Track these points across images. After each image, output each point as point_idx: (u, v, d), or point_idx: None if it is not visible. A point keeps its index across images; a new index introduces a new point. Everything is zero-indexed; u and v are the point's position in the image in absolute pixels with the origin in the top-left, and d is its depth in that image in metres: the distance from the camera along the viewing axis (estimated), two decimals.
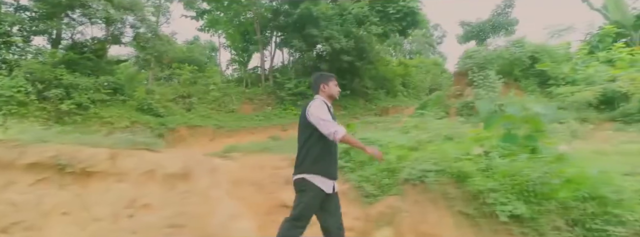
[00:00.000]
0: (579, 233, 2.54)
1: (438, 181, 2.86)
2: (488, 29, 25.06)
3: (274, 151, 5.39)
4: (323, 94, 2.24)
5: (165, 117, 10.90)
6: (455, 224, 2.63)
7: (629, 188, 2.69)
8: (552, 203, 2.59)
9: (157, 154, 3.06)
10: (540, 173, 2.67)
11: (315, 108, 2.08)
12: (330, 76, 2.32)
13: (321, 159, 2.08)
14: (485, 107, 3.58)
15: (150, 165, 2.70)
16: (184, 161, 2.93)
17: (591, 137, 5.86)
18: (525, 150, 3.13)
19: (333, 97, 2.26)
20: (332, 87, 2.26)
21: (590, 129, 6.39)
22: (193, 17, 17.66)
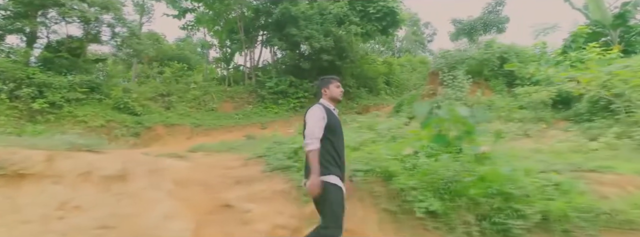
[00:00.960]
0: (485, 227, 2.74)
1: (366, 179, 3.03)
2: (479, 26, 25.27)
3: (238, 150, 5.48)
4: (325, 97, 2.27)
5: (142, 115, 10.85)
6: (378, 220, 2.79)
7: (532, 185, 2.91)
8: (463, 199, 2.79)
9: (98, 155, 3.13)
10: (454, 172, 2.86)
11: (310, 116, 2.11)
12: (330, 79, 2.33)
13: (331, 160, 2.09)
14: (421, 109, 3.76)
15: (87, 166, 2.77)
16: (123, 162, 3.01)
17: (541, 136, 6.15)
18: (453, 150, 3.33)
19: (336, 99, 2.28)
20: (333, 89, 2.27)
21: (543, 128, 6.68)
22: (175, 15, 17.47)
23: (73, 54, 12.26)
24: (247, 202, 3.12)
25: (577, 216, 2.82)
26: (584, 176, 3.28)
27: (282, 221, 2.83)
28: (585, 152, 4.19)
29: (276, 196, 3.28)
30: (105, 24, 12.28)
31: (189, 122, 11.16)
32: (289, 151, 4.06)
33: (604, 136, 4.75)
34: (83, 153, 3.12)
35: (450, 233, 2.68)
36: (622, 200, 2.95)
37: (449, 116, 3.42)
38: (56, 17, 11.59)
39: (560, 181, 3.08)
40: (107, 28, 12.42)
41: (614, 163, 3.53)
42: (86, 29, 12.12)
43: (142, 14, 18.97)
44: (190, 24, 18.23)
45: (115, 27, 12.13)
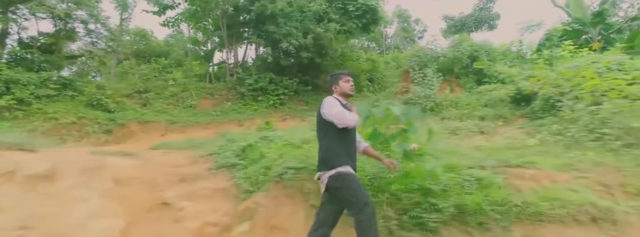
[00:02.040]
0: (404, 220, 2.87)
1: (298, 177, 3.11)
2: (471, 23, 25.48)
3: (200, 148, 5.51)
4: (336, 93, 2.32)
5: (115, 112, 10.68)
6: (305, 216, 2.88)
7: (453, 180, 3.05)
8: (385, 195, 2.90)
9: (28, 154, 3.11)
10: (377, 169, 2.97)
11: (327, 106, 2.14)
12: (339, 75, 2.36)
13: (343, 152, 2.14)
14: (362, 108, 3.85)
15: (12, 166, 2.76)
16: (55, 161, 3.01)
17: (494, 132, 6.35)
18: (386, 148, 3.44)
19: (347, 94, 2.31)
20: (342, 85, 2.30)
21: (499, 125, 6.90)
22: (155, 12, 17.09)
23: (48, 50, 11.95)
24: (185, 200, 3.17)
25: (491, 209, 2.98)
26: (507, 171, 3.44)
27: (214, 218, 2.89)
28: (520, 148, 4.38)
29: (216, 193, 3.34)
30: (79, 21, 11.97)
31: (165, 119, 11.05)
32: (237, 149, 4.11)
33: (544, 132, 4.96)
34: (11, 152, 3.10)
35: None
36: (534, 193, 3.12)
37: (382, 115, 3.53)
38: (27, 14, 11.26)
39: (482, 176, 3.23)
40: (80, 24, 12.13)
41: (539, 159, 3.70)
42: (58, 25, 11.79)
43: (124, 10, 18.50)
44: (170, 21, 17.90)
45: (88, 23, 11.82)
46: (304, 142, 3.93)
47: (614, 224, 2.91)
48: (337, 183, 2.08)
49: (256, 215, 2.83)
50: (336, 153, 2.12)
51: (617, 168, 3.38)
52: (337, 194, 2.13)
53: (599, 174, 3.34)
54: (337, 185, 2.08)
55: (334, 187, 2.10)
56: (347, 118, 2.08)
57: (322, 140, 2.21)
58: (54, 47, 12.43)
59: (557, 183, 3.26)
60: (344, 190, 2.07)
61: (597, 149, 3.79)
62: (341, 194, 2.10)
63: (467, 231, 2.90)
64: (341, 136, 2.16)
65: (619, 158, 3.52)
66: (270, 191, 3.02)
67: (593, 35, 11.14)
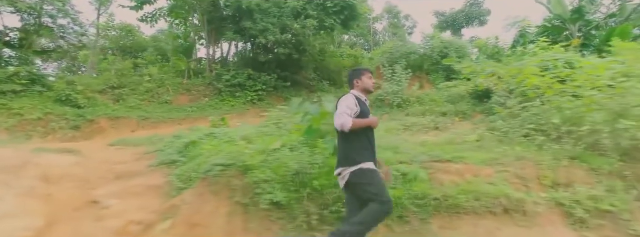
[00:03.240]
0: (325, 215, 2.90)
1: (226, 174, 3.10)
2: (461, 19, 25.49)
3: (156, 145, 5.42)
4: (358, 88, 2.29)
5: (85, 108, 10.39)
6: (229, 213, 2.87)
7: None
8: (308, 190, 2.93)
9: None
10: (300, 165, 2.98)
11: (341, 103, 2.14)
12: (363, 70, 2.35)
13: (365, 150, 2.13)
14: (295, 105, 3.85)
15: None
16: None
17: (449, 129, 6.46)
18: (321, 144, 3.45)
19: (368, 90, 2.30)
20: (365, 81, 2.29)
21: (455, 121, 7.02)
22: (132, 7, 16.55)
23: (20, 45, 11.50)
24: (115, 198, 3.12)
25: (411, 203, 3.04)
26: (435, 166, 3.50)
27: (140, 216, 2.86)
28: (460, 144, 4.47)
29: (149, 191, 3.30)
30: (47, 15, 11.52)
31: (137, 115, 10.80)
32: (181, 146, 4.06)
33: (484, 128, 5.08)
34: None
35: (291, 223, 2.82)
36: (456, 187, 3.20)
37: (316, 111, 3.53)
38: None
39: (408, 171, 3.29)
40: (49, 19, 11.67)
41: (470, 154, 3.79)
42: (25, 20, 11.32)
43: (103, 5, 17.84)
44: (149, 16, 17.42)
45: (57, 18, 11.38)
46: (243, 139, 3.91)
47: (525, 214, 3.02)
48: (359, 179, 2.07)
49: (179, 213, 2.81)
50: (359, 150, 2.10)
51: (536, 162, 3.49)
52: (357, 190, 2.13)
53: (519, 168, 3.44)
54: (359, 181, 2.07)
55: (355, 183, 2.10)
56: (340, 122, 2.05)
57: (345, 139, 2.18)
58: (25, 42, 11.96)
59: (479, 177, 3.35)
60: (366, 186, 2.07)
61: (525, 144, 3.90)
62: (363, 189, 2.09)
63: (387, 224, 2.95)
64: (363, 132, 2.15)
65: (541, 153, 3.63)
66: (197, 188, 3.01)
67: (573, 32, 11.15)
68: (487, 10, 25.22)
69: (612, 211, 2.95)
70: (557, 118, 3.72)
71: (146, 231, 2.77)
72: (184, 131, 5.40)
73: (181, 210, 2.82)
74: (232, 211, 2.88)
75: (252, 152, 3.17)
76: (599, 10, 15.41)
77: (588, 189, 3.12)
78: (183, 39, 18.54)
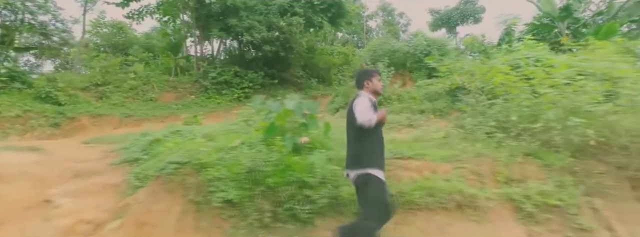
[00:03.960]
0: (279, 213, 2.87)
1: (181, 171, 3.04)
2: (456, 16, 25.31)
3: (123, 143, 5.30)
4: (367, 90, 2.25)
5: (66, 105, 10.15)
6: (181, 211, 2.81)
7: (332, 172, 3.07)
8: (261, 188, 2.89)
9: None
10: (256, 162, 2.94)
11: (358, 104, 2.10)
12: (373, 72, 2.32)
13: (374, 153, 2.10)
14: (258, 102, 3.81)
15: None
16: None
17: (421, 125, 6.47)
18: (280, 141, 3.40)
19: (377, 92, 2.28)
20: (375, 82, 2.26)
21: (430, 118, 7.03)
22: (117, 4, 16.15)
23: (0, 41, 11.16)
24: (69, 196, 3.04)
25: None
26: (395, 163, 3.48)
27: (90, 215, 2.79)
28: (427, 140, 4.47)
29: (105, 189, 3.23)
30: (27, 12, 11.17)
31: (120, 112, 10.61)
32: (145, 143, 3.98)
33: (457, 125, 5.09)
34: None
35: (243, 220, 2.78)
36: (412, 183, 3.19)
37: (278, 109, 3.49)
38: None
39: None
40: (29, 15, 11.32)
41: (432, 151, 3.78)
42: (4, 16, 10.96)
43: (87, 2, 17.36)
44: (135, 13, 17.06)
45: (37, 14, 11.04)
46: (205, 136, 3.85)
47: (476, 210, 3.03)
48: (363, 183, 2.06)
49: (130, 212, 2.75)
50: (369, 153, 2.09)
51: (493, 158, 3.50)
52: (358, 192, 2.13)
53: (476, 164, 3.45)
54: (363, 185, 2.06)
55: (358, 185, 2.09)
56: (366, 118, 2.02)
57: (356, 138, 2.15)
58: (6, 38, 11.59)
59: (436, 173, 3.35)
60: (369, 195, 2.06)
61: (486, 141, 3.91)
62: (364, 194, 2.08)
63: (341, 221, 2.94)
64: (374, 134, 2.13)
65: (499, 149, 3.64)
66: (151, 186, 2.94)
67: (562, 30, 11.11)
68: (481, 8, 25.15)
69: (559, 206, 2.98)
70: (515, 115, 3.74)
71: (95, 230, 2.70)
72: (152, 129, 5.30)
73: (132, 209, 2.76)
74: (185, 209, 2.83)
75: (208, 150, 3.11)
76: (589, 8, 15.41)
77: (539, 184, 3.14)
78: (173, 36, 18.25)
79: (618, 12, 11.31)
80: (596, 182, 3.20)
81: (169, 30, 18.80)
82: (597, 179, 3.21)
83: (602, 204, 3.04)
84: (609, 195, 3.12)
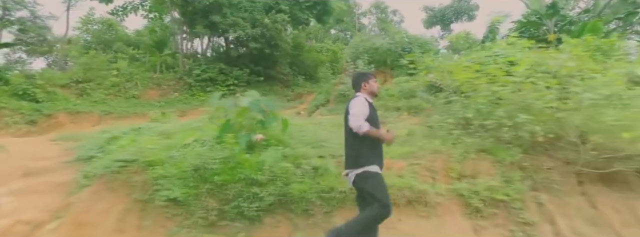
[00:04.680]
0: (226, 210, 2.79)
1: (127, 170, 2.93)
2: (450, 14, 25.04)
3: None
4: (364, 91, 2.25)
5: (44, 102, 9.84)
6: (124, 211, 2.70)
7: (283, 170, 2.99)
8: (208, 186, 2.80)
9: None
10: (203, 160, 2.85)
11: (354, 105, 2.11)
12: (370, 74, 2.36)
13: (373, 152, 2.11)
14: (215, 101, 3.71)
15: None
16: None
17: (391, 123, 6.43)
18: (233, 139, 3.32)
19: (374, 93, 2.29)
20: (372, 84, 2.28)
21: (403, 116, 6.99)
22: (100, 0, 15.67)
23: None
24: (13, 196, 2.91)
25: (317, 196, 2.97)
26: None
27: (31, 215, 2.65)
28: None
29: (54, 188, 3.10)
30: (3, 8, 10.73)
31: (100, 109, 10.33)
32: (103, 140, 3.85)
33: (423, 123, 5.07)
34: None
35: (188, 219, 2.69)
36: None
37: (233, 106, 3.39)
38: None
39: (320, 165, 3.21)
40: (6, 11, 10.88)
41: (392, 148, 3.71)
42: None
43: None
44: (119, 10, 16.62)
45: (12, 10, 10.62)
46: (162, 134, 3.74)
47: (426, 205, 3.01)
48: (363, 181, 2.08)
49: (70, 211, 2.63)
50: (367, 153, 2.09)
51: (448, 155, 3.48)
52: (361, 191, 2.15)
53: (430, 161, 3.43)
54: (364, 183, 2.08)
55: (359, 184, 2.11)
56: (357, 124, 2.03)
57: (354, 138, 2.13)
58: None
59: (391, 170, 3.31)
60: (369, 189, 2.08)
61: (444, 138, 3.89)
62: (366, 192, 2.10)
63: (290, 218, 2.88)
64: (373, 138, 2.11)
65: (455, 146, 3.63)
66: (95, 185, 2.83)
67: (550, 27, 10.95)
68: (475, 5, 24.94)
69: (505, 201, 2.98)
70: (471, 112, 3.72)
71: (33, 230, 2.58)
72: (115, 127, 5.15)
73: (72, 208, 2.65)
74: (128, 208, 2.72)
75: (157, 148, 3.00)
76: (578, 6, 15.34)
77: (488, 179, 3.13)
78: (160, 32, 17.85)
79: (603, 10, 11.23)
80: (544, 177, 3.21)
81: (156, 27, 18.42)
82: (545, 175, 3.22)
83: (547, 198, 3.05)
84: (555, 190, 3.13)
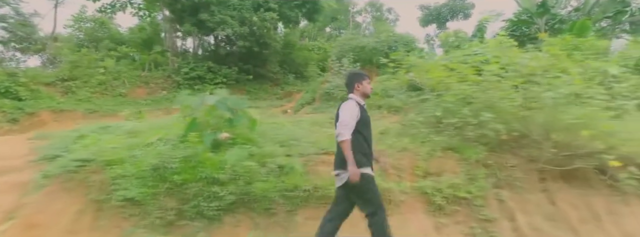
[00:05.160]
0: (185, 210, 2.71)
1: (85, 169, 2.83)
2: (446, 12, 24.95)
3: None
4: (357, 92, 2.22)
5: (26, 100, 9.57)
6: (79, 211, 2.60)
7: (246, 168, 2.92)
8: (166, 185, 2.72)
9: None
10: (162, 159, 2.77)
11: (344, 110, 2.09)
12: (364, 75, 2.30)
13: (363, 154, 2.09)
14: (181, 99, 3.61)
15: None
16: None
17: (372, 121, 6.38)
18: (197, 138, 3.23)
19: (367, 95, 2.27)
20: (365, 85, 2.25)
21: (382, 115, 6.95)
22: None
23: None
24: None
25: (280, 195, 2.91)
26: (318, 158, 3.39)
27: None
28: None
29: (11, 188, 2.95)
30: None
31: (84, 107, 10.09)
32: (70, 139, 3.72)
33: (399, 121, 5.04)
34: None
35: (145, 219, 2.61)
36: (330, 178, 3.09)
37: (199, 105, 3.31)
38: None
39: (285, 163, 3.15)
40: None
41: None
42: None
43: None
44: (107, 7, 16.27)
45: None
46: (128, 133, 3.63)
47: (390, 203, 2.97)
48: (356, 183, 2.04)
49: (22, 212, 2.53)
50: (357, 154, 2.05)
51: (415, 153, 3.45)
52: (353, 193, 2.13)
53: (398, 159, 3.38)
54: (356, 186, 2.05)
55: (352, 186, 2.07)
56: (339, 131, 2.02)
57: None
58: None
59: None
60: (363, 191, 2.07)
61: (414, 136, 3.86)
62: (359, 193, 2.10)
63: (251, 217, 2.82)
64: (363, 136, 2.11)
65: (424, 144, 3.59)
66: (52, 185, 2.72)
67: (540, 26, 10.92)
68: (470, 4, 24.83)
69: (467, 198, 2.96)
70: (439, 111, 3.70)
71: None
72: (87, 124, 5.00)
73: (25, 209, 2.55)
74: (84, 208, 2.63)
75: (118, 147, 2.90)
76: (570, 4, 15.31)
77: (451, 177, 3.11)
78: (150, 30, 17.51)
79: (593, 9, 11.24)
80: (507, 174, 3.19)
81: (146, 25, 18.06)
82: (509, 172, 3.21)
83: (508, 195, 3.04)
84: (517, 187, 3.12)
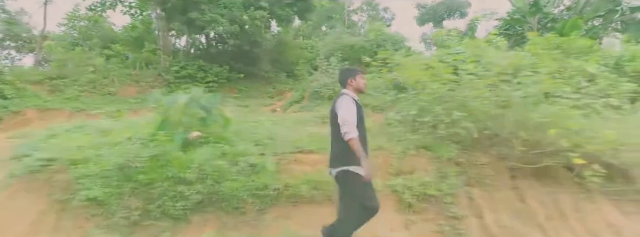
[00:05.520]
0: (150, 209, 2.63)
1: (49, 169, 2.73)
2: (442, 11, 24.85)
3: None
4: (350, 88, 2.19)
5: (12, 99, 9.33)
6: (41, 212, 2.51)
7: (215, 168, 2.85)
8: (131, 185, 2.64)
9: None
10: (127, 158, 2.69)
11: (342, 106, 2.04)
12: (357, 70, 2.26)
13: None
14: (154, 98, 3.53)
15: None
16: None
17: None
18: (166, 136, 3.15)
19: (361, 90, 2.23)
20: (359, 81, 2.21)
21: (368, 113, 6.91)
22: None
23: None
24: None
25: (250, 194, 2.85)
26: (292, 157, 3.32)
27: None
28: None
29: None
30: None
31: (71, 106, 9.88)
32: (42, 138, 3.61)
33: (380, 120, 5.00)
34: None
35: (108, 219, 2.53)
36: (302, 177, 3.04)
37: (171, 103, 3.22)
38: None
39: (257, 162, 3.08)
40: None
41: None
42: None
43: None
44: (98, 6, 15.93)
45: None
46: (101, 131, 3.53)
47: None
48: (345, 179, 2.06)
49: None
50: (350, 152, 2.02)
51: (389, 152, 3.41)
52: (342, 188, 2.12)
53: (372, 157, 3.33)
54: (345, 182, 2.06)
55: (341, 182, 2.09)
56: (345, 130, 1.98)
57: (338, 137, 2.07)
58: None
59: None
60: (350, 187, 2.06)
61: (390, 135, 3.82)
62: (347, 191, 2.09)
63: (219, 216, 2.76)
64: (360, 133, 2.05)
65: (399, 142, 3.56)
66: (14, 185, 2.62)
67: (533, 25, 10.86)
68: (467, 2, 24.65)
69: (437, 196, 2.93)
70: (414, 109, 3.66)
71: None
72: None
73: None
74: (46, 209, 2.54)
75: (86, 146, 2.81)
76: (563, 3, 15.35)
77: (423, 175, 3.08)
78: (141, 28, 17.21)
79: (584, 8, 11.21)
80: (478, 172, 3.17)
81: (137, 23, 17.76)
82: (479, 170, 3.19)
83: (478, 193, 3.02)
84: (487, 184, 3.10)
